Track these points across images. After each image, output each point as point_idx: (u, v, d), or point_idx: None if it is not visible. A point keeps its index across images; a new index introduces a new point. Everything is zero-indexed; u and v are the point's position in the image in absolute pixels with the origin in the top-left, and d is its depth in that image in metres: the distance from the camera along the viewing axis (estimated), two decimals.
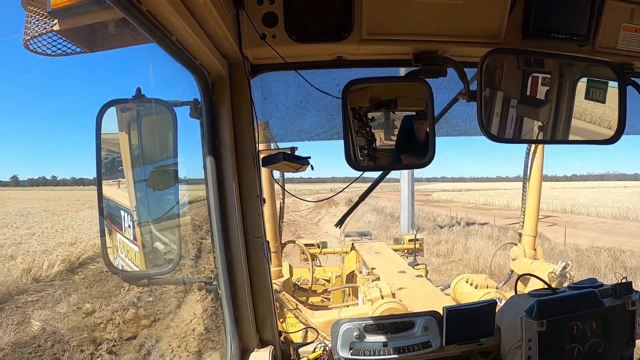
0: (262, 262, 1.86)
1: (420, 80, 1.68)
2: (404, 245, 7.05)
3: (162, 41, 1.21)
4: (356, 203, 3.04)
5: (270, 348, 1.91)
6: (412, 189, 23.30)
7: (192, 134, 1.74)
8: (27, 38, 1.80)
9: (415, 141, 1.71)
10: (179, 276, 5.67)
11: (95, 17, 1.73)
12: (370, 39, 1.62)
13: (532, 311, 1.79)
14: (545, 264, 4.23)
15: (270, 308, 1.93)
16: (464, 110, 2.24)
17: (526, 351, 1.78)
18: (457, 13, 1.61)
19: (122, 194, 2.01)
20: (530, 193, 4.48)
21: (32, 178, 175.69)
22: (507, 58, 1.70)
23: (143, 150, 1.95)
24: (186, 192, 2.37)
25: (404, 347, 1.83)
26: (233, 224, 1.77)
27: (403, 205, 23.19)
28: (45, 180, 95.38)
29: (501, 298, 3.39)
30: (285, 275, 4.37)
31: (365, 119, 1.71)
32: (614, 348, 1.92)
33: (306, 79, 1.76)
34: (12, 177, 61.05)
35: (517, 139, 1.82)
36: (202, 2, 1.17)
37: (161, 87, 1.79)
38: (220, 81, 1.70)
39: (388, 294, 3.21)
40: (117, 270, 2.30)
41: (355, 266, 5.58)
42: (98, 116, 1.73)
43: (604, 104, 1.77)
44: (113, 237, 2.08)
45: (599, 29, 1.69)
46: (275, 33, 1.59)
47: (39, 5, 1.77)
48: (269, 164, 1.75)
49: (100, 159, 1.80)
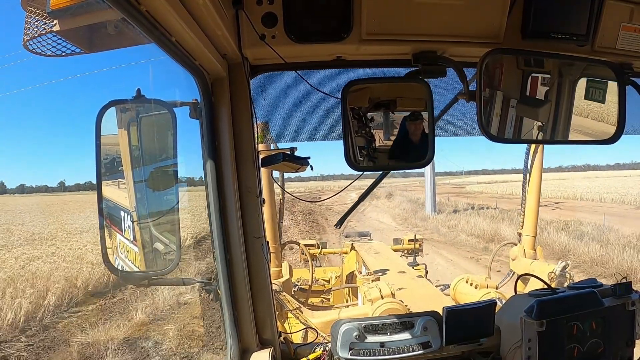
0: (261, 263, 1.86)
1: (420, 81, 1.68)
2: (403, 246, 7.04)
3: (162, 42, 1.21)
4: (356, 203, 3.05)
5: (270, 348, 1.90)
6: (433, 181, 31.81)
7: (191, 134, 1.74)
8: (27, 39, 1.80)
9: (415, 141, 1.71)
10: (179, 276, 5.67)
11: (95, 17, 1.74)
12: (369, 39, 1.62)
13: (531, 311, 1.79)
14: (545, 264, 4.22)
15: (270, 308, 1.93)
16: (463, 111, 2.24)
17: (526, 351, 1.78)
18: (456, 13, 1.61)
19: (122, 194, 2.01)
20: (530, 193, 4.48)
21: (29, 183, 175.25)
22: (506, 58, 1.70)
23: (143, 151, 1.95)
24: (186, 192, 2.38)
25: (403, 348, 1.83)
26: (233, 224, 1.77)
27: (427, 194, 31.98)
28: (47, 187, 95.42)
29: (501, 298, 3.39)
30: (285, 276, 4.37)
31: (364, 119, 1.71)
32: (613, 348, 1.92)
33: (306, 80, 1.76)
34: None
35: (517, 139, 1.82)
36: (201, 3, 1.17)
37: (161, 87, 1.79)
38: (220, 82, 1.70)
39: (388, 294, 3.21)
40: (116, 270, 2.29)
41: (355, 266, 5.58)
42: (98, 117, 1.73)
43: (604, 104, 1.77)
44: (113, 238, 2.08)
45: (598, 29, 1.69)
46: (275, 33, 1.59)
47: (38, 5, 1.77)
48: (269, 164, 1.76)
49: (100, 160, 1.80)
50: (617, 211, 26.29)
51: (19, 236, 21.16)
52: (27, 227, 24.56)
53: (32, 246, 18.06)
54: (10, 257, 15.63)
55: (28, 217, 29.81)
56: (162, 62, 1.41)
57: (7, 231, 23.04)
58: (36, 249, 17.10)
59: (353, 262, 5.75)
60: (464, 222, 24.14)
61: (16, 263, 14.41)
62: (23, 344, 8.75)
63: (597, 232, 17.71)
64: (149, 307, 10.44)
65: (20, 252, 16.30)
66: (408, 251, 6.97)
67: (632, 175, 64.72)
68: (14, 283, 11.48)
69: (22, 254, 15.86)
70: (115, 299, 11.73)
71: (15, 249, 17.20)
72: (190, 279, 1.74)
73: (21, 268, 13.61)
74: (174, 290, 10.76)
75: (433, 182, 32.08)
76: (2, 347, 8.54)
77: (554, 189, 42.79)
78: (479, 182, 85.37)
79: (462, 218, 25.95)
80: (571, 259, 13.09)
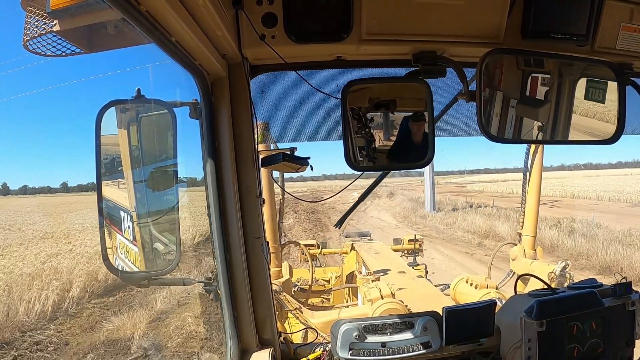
0: (261, 263, 1.86)
1: (420, 81, 1.68)
2: (403, 246, 7.04)
3: (162, 42, 1.21)
4: (356, 203, 3.05)
5: (270, 349, 1.90)
6: (432, 180, 33.56)
7: (191, 134, 1.74)
8: (27, 39, 1.80)
9: (415, 141, 1.71)
10: (179, 276, 5.77)
11: (95, 17, 1.74)
12: (369, 39, 1.62)
13: (531, 311, 1.79)
14: (544, 264, 4.22)
15: (269, 308, 1.93)
16: (463, 111, 2.24)
17: (526, 351, 1.78)
18: (456, 13, 1.61)
19: (122, 194, 2.01)
20: (530, 192, 4.48)
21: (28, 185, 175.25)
22: (506, 58, 1.70)
23: (143, 151, 1.95)
24: (186, 192, 2.38)
25: (403, 348, 1.83)
26: (232, 224, 1.77)
27: (426, 193, 33.42)
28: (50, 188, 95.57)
29: (501, 298, 3.39)
30: (285, 276, 4.36)
31: (364, 119, 1.71)
32: (613, 348, 1.92)
33: (306, 80, 1.76)
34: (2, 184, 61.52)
35: (517, 139, 1.82)
36: (201, 3, 1.17)
37: (161, 87, 1.79)
38: (220, 82, 1.69)
39: (388, 294, 3.20)
40: (116, 270, 2.30)
41: (355, 266, 5.57)
42: (98, 117, 1.73)
43: (604, 104, 1.77)
44: (113, 238, 2.08)
45: (598, 29, 1.69)
46: (275, 33, 1.59)
47: (38, 5, 1.77)
48: (269, 164, 1.75)
49: (100, 160, 1.80)
50: (612, 209, 27.29)
51: (32, 235, 21.49)
52: (39, 227, 24.88)
53: (47, 244, 18.48)
54: (29, 254, 16.18)
55: (37, 217, 30.19)
56: (162, 62, 1.41)
57: (20, 230, 23.41)
58: (52, 247, 17.54)
59: (353, 262, 5.74)
60: (462, 220, 25.31)
61: (36, 260, 14.99)
62: (52, 331, 9.58)
63: (586, 228, 18.54)
64: (167, 297, 11.02)
65: (39, 250, 16.83)
66: (408, 251, 6.96)
67: (632, 174, 65.48)
68: (39, 277, 12.22)
69: (41, 252, 16.39)
70: (133, 291, 12.23)
71: (32, 247, 17.70)
72: (190, 279, 1.74)
73: (42, 264, 14.22)
74: (173, 290, 11.02)
75: (432, 182, 33.59)
76: (34, 334, 9.31)
77: (553, 187, 43.50)
78: (481, 181, 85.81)
79: (460, 216, 27.13)
80: (559, 253, 14.56)
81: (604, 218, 20.49)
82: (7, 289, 11.19)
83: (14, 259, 15.31)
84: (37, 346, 8.83)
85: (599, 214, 21.71)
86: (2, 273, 12.81)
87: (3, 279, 12.15)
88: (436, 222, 26.89)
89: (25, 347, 8.68)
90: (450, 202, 37.03)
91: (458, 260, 15.64)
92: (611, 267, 13.01)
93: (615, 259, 13.44)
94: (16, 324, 9.67)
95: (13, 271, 13.08)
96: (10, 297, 10.64)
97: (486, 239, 19.94)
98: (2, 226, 25.27)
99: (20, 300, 10.50)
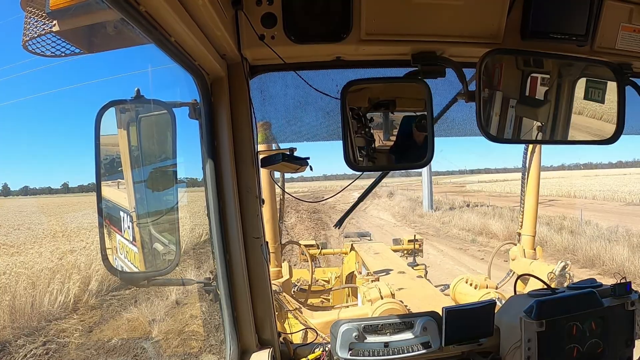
0: (261, 263, 1.86)
1: (419, 81, 1.68)
2: (403, 246, 7.04)
3: (161, 42, 1.21)
4: (355, 203, 3.05)
5: (270, 349, 1.90)
6: (430, 180, 35.08)
7: (191, 134, 1.74)
8: (26, 39, 1.80)
9: (414, 142, 1.71)
10: (178, 277, 5.85)
11: (95, 18, 1.73)
12: (369, 39, 1.62)
13: (531, 311, 1.79)
14: (544, 264, 4.23)
15: (269, 309, 1.93)
16: (463, 111, 2.24)
17: (525, 351, 1.78)
18: (455, 13, 1.61)
19: (122, 194, 2.01)
20: (528, 192, 4.48)
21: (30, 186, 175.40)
22: (505, 58, 1.70)
23: (142, 151, 1.95)
24: (185, 193, 2.38)
25: (403, 348, 1.83)
26: (232, 224, 1.77)
27: (424, 192, 34.60)
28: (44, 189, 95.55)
29: (500, 298, 3.39)
30: (285, 276, 4.36)
31: (364, 119, 1.71)
32: (613, 348, 1.92)
33: (305, 80, 1.76)
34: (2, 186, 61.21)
35: (516, 139, 1.82)
36: (201, 3, 1.17)
37: (160, 88, 1.79)
38: (219, 82, 1.69)
39: (387, 295, 3.20)
40: (116, 271, 2.29)
41: (355, 267, 5.57)
42: (97, 117, 1.73)
43: (603, 104, 1.77)
44: (112, 238, 2.08)
45: (597, 29, 1.69)
46: (274, 34, 1.59)
47: (38, 6, 1.77)
48: (268, 164, 1.75)
49: (99, 160, 1.80)
50: (606, 207, 28.41)
51: (43, 234, 21.57)
52: (48, 226, 24.98)
53: (60, 242, 18.63)
54: (44, 251, 16.35)
55: (43, 217, 30.33)
56: (161, 62, 1.41)
57: (29, 229, 23.46)
58: (66, 244, 17.68)
59: (353, 262, 5.74)
60: (458, 218, 26.51)
61: (52, 256, 15.18)
62: (76, 320, 10.18)
63: (575, 225, 19.67)
64: (180, 289, 11.23)
65: (53, 247, 17.02)
66: (408, 251, 6.96)
67: (631, 173, 65.91)
68: (59, 272, 12.63)
69: (56, 249, 16.56)
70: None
71: (45, 245, 17.87)
72: (189, 279, 1.74)
73: (59, 260, 14.45)
74: (173, 290, 11.18)
75: (430, 181, 35.05)
76: (58, 323, 9.90)
77: (551, 187, 44.14)
78: (480, 181, 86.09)
79: (456, 214, 28.25)
80: (546, 248, 15.18)
81: (595, 216, 21.45)
82: (32, 282, 11.60)
83: (31, 255, 15.56)
84: (64, 333, 9.51)
85: (592, 212, 22.70)
86: (24, 268, 13.10)
87: (26, 273, 12.46)
88: (433, 221, 27.91)
89: (52, 334, 9.31)
90: (448, 202, 38.21)
91: (452, 255, 16.87)
92: (594, 260, 14.05)
93: (598, 254, 14.31)
94: (42, 314, 10.20)
95: (34, 267, 13.39)
96: (36, 289, 11.08)
97: (480, 235, 20.98)
98: (12, 226, 25.42)
99: (45, 292, 11.02)
